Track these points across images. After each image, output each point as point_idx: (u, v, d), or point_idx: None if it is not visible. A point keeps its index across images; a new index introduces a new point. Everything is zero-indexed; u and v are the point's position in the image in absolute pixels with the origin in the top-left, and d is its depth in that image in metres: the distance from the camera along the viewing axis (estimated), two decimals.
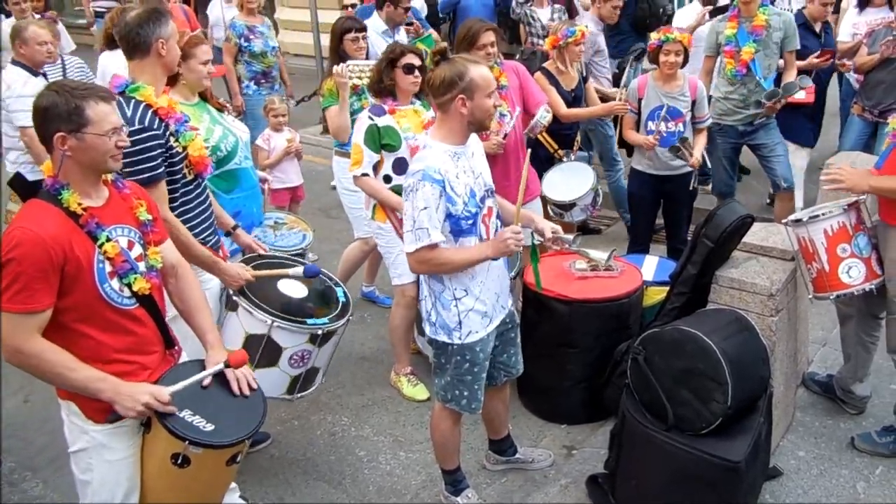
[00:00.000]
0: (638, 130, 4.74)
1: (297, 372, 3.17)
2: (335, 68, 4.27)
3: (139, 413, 2.24)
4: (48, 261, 2.13)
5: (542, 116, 4.26)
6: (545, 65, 4.91)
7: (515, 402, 3.95)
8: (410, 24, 6.25)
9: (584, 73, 4.98)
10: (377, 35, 5.74)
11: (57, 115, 2.18)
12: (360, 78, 4.35)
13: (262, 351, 3.05)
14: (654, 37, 4.64)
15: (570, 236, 3.11)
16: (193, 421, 2.27)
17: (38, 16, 6.78)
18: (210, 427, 2.27)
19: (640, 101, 4.70)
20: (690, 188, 4.77)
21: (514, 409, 3.88)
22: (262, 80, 6.71)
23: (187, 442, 2.22)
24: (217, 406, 2.36)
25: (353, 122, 4.33)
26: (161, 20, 2.92)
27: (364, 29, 4.73)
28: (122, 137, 2.30)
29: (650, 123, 4.66)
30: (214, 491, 2.50)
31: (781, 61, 5.24)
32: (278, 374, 3.12)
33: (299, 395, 3.26)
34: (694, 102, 4.65)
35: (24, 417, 4.02)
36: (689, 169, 4.66)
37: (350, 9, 7.38)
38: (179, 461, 2.25)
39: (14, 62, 4.71)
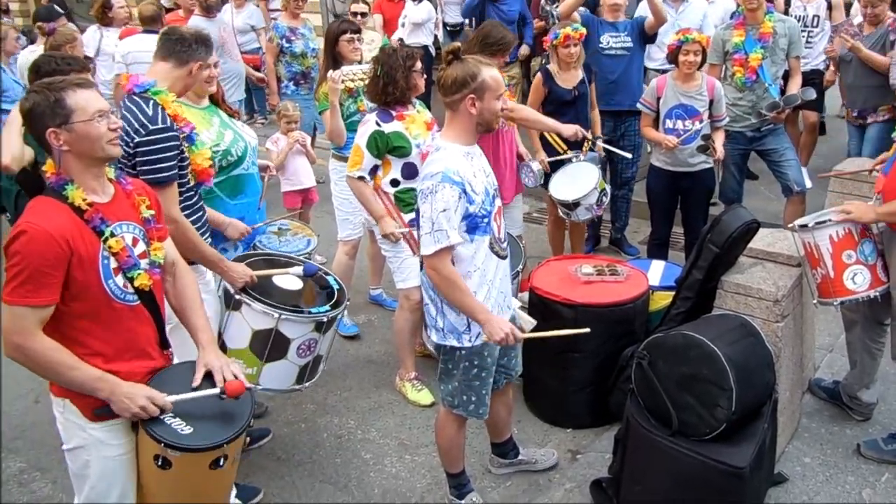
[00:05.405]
0: (656, 128, 4.81)
1: (304, 361, 3.23)
2: (331, 74, 4.28)
3: (134, 415, 2.25)
4: (54, 255, 2.13)
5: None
6: (548, 65, 4.94)
7: (521, 407, 3.96)
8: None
9: (589, 75, 4.97)
10: None
11: (42, 114, 2.18)
12: (352, 81, 4.39)
13: (270, 345, 3.11)
14: (674, 37, 4.72)
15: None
16: (172, 423, 2.26)
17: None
18: (188, 430, 2.25)
19: (658, 99, 4.77)
20: (717, 181, 4.99)
21: (519, 413, 3.90)
22: (301, 81, 6.84)
23: (162, 444, 2.22)
24: (200, 409, 2.33)
25: (351, 124, 4.40)
26: (209, 48, 3.17)
27: (359, 31, 4.77)
28: (113, 120, 2.26)
29: (668, 121, 4.75)
30: (208, 493, 2.42)
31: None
32: (287, 365, 3.18)
33: (307, 383, 3.33)
34: (711, 102, 4.72)
35: (33, 418, 4.06)
36: (706, 165, 4.80)
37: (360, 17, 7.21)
38: (161, 463, 2.26)
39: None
